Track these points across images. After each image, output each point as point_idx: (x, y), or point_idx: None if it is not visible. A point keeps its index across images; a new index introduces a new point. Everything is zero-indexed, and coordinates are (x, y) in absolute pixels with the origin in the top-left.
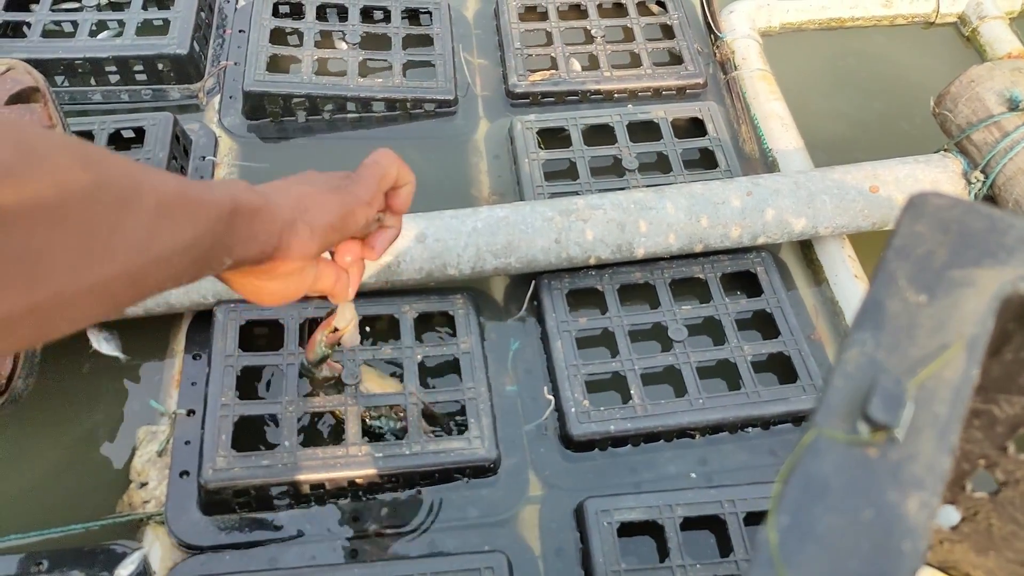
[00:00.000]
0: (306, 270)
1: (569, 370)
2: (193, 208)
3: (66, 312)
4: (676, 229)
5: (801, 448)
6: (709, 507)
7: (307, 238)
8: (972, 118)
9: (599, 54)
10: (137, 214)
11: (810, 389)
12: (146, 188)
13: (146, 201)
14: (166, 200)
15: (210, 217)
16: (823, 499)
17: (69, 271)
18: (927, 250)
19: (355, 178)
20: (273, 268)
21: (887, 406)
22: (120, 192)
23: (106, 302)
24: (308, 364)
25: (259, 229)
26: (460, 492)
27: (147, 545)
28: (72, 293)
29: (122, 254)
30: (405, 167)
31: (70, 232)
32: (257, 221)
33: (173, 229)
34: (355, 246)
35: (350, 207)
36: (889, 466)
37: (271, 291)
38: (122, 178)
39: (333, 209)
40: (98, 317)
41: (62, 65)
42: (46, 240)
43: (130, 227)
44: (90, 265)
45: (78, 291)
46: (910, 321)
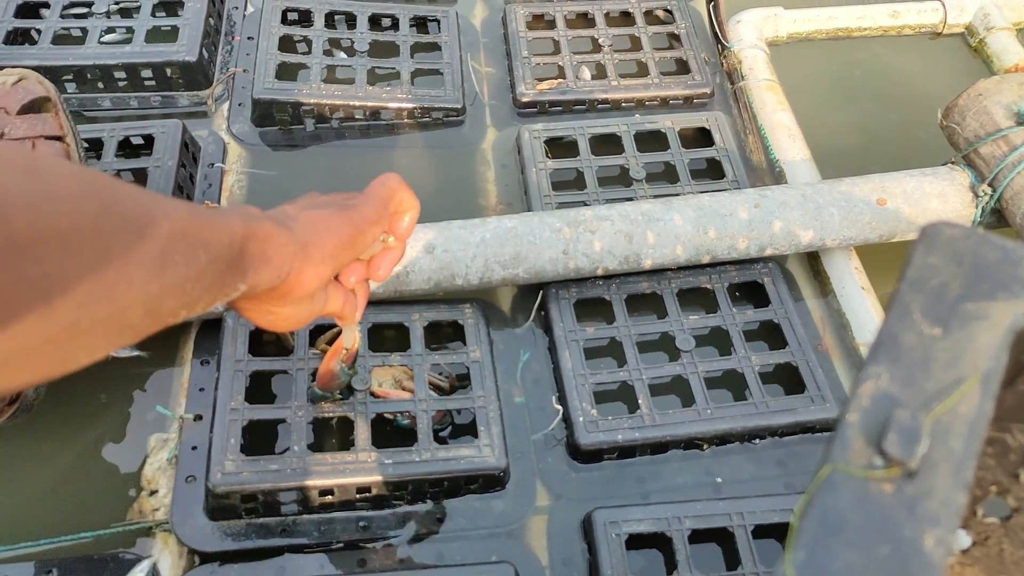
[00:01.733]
0: (318, 294)
1: (577, 380)
2: (206, 234)
3: (83, 342)
4: (683, 241)
5: (817, 483)
6: (717, 519)
7: (320, 260)
8: (980, 131)
9: (607, 63)
10: (150, 241)
11: (818, 400)
12: (158, 215)
13: (159, 227)
14: (179, 226)
15: (223, 242)
16: (840, 535)
17: (84, 300)
18: (941, 282)
19: (363, 198)
20: (288, 292)
21: (903, 441)
22: (132, 219)
23: (123, 331)
24: (324, 391)
25: (272, 253)
26: (468, 502)
27: (156, 553)
28: (89, 323)
29: (137, 282)
30: (410, 193)
31: (84, 260)
32: (270, 245)
33: (187, 255)
34: (360, 267)
35: (359, 226)
36: (905, 501)
37: (285, 316)
38: (134, 205)
39: (343, 230)
40: (116, 347)
41: (72, 72)
42: (60, 269)
43: (144, 254)
44: (105, 294)
45: (95, 321)
46: (925, 354)
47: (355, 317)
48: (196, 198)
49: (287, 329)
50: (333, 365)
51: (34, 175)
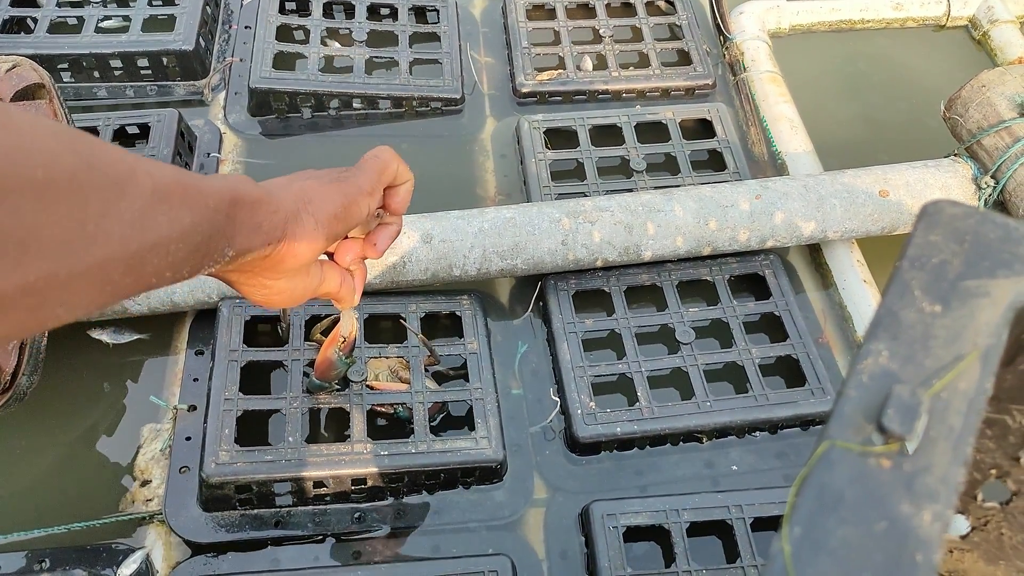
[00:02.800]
0: (313, 269)
1: (575, 372)
2: (191, 194)
3: (62, 296)
4: (684, 232)
5: (815, 458)
6: (716, 512)
7: (312, 228)
8: (983, 123)
9: (607, 54)
10: (131, 197)
11: (818, 393)
12: (140, 173)
13: (141, 185)
14: (162, 185)
15: (208, 205)
16: (836, 510)
17: (61, 251)
18: (942, 260)
19: (355, 170)
20: (280, 262)
21: (902, 417)
22: (113, 175)
23: (104, 288)
24: (323, 381)
25: (262, 219)
26: (465, 494)
27: (149, 544)
28: (66, 275)
29: (117, 237)
30: (404, 165)
31: (60, 212)
32: (260, 211)
33: (170, 214)
34: (355, 245)
35: (352, 196)
36: (902, 478)
37: (279, 290)
38: (114, 163)
39: (336, 199)
40: (96, 305)
41: (67, 61)
42: (35, 218)
43: (124, 209)
44: (83, 246)
45: (72, 273)
46: (925, 331)
47: (353, 299)
48: None
49: (282, 305)
50: (331, 354)
51: (6, 128)
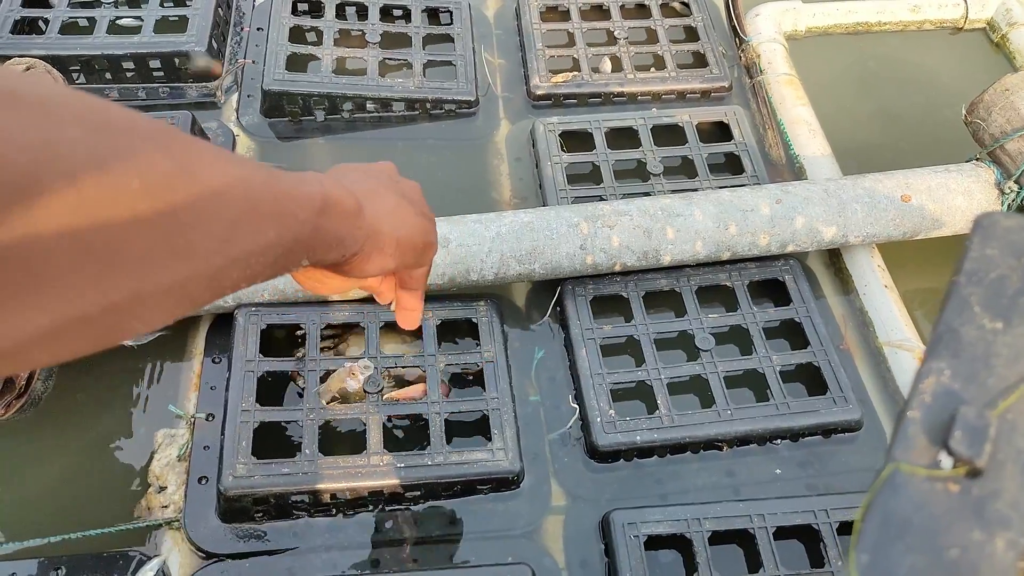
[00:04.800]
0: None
1: (594, 379)
2: (282, 203)
3: (141, 312)
4: (704, 236)
5: (880, 482)
6: (738, 521)
7: (390, 254)
8: (1006, 127)
9: (622, 56)
10: (223, 209)
11: (840, 401)
12: (234, 179)
13: (234, 194)
14: (254, 194)
15: (297, 217)
16: (904, 537)
17: (148, 269)
18: (1000, 274)
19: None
20: (347, 271)
21: (970, 439)
22: (207, 183)
23: (182, 302)
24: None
25: (345, 234)
26: (482, 503)
27: (165, 551)
28: (150, 293)
29: (203, 252)
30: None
31: (151, 227)
32: (345, 224)
33: (258, 227)
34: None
35: (432, 239)
36: (971, 503)
37: (331, 287)
38: (210, 166)
39: (420, 235)
40: (172, 317)
41: (80, 62)
42: (126, 236)
43: (215, 222)
44: (169, 263)
45: (157, 291)
46: (986, 349)
47: (390, 295)
48: None
49: (325, 293)
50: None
51: (104, 129)
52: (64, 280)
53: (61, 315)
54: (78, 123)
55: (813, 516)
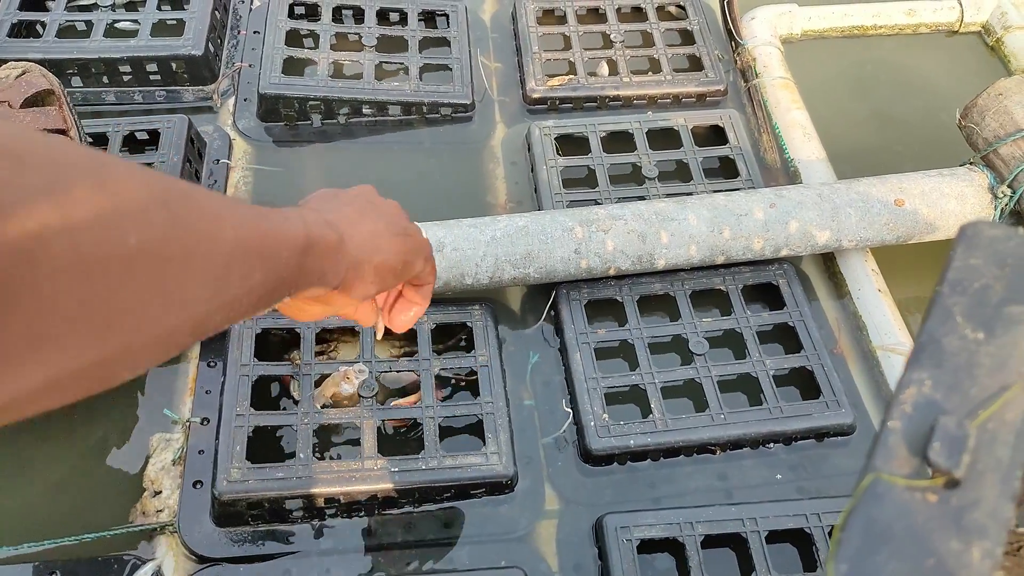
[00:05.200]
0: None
1: (588, 383)
2: (268, 246)
3: (130, 362)
4: (698, 241)
5: (860, 491)
6: (730, 525)
7: (370, 280)
8: (1000, 131)
9: (618, 59)
10: (214, 256)
11: (833, 405)
12: (226, 226)
13: (224, 241)
14: (243, 238)
15: (282, 257)
16: (884, 546)
17: (140, 322)
18: (983, 284)
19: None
20: (329, 301)
21: (949, 449)
22: (200, 231)
23: (170, 349)
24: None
25: (327, 267)
26: (476, 507)
27: (160, 556)
28: (141, 344)
29: (192, 300)
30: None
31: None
32: (328, 259)
33: (245, 272)
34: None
35: (413, 256)
36: (951, 512)
37: (312, 314)
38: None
39: (399, 255)
40: (158, 362)
41: (76, 65)
42: (121, 290)
43: (206, 271)
44: (161, 315)
45: (147, 342)
46: (969, 359)
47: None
48: None
49: (306, 320)
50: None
51: (105, 187)
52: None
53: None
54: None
55: (805, 520)
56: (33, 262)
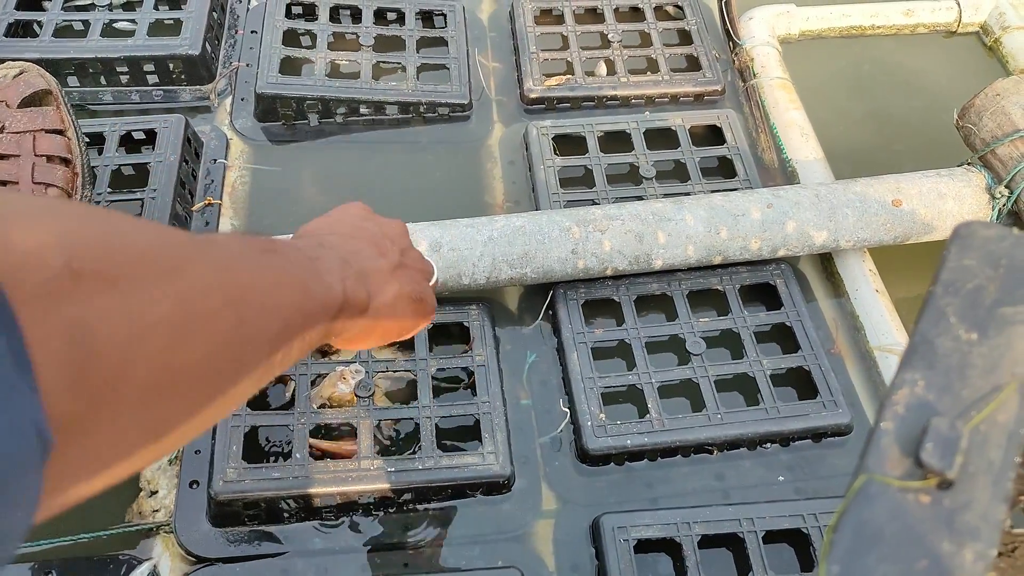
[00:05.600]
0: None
1: (585, 382)
2: (308, 323)
3: (174, 448)
4: (695, 241)
5: (852, 493)
6: (727, 525)
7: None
8: (997, 132)
9: (616, 59)
10: (261, 351)
11: (830, 405)
12: (273, 322)
13: (271, 333)
14: (287, 326)
15: (319, 327)
16: (876, 548)
17: (192, 429)
18: (977, 285)
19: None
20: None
21: (942, 451)
22: (253, 335)
23: (204, 429)
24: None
25: (347, 327)
26: (473, 506)
27: (156, 556)
28: (186, 439)
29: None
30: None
31: (205, 392)
32: (350, 321)
33: (287, 349)
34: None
35: (420, 322)
36: (943, 514)
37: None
38: (255, 319)
39: (409, 322)
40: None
41: (73, 65)
42: (187, 406)
43: (253, 365)
44: (215, 410)
45: (191, 434)
46: (962, 360)
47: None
48: (198, 195)
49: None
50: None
51: (186, 302)
52: (131, 457)
53: (116, 476)
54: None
55: (802, 520)
56: (117, 391)
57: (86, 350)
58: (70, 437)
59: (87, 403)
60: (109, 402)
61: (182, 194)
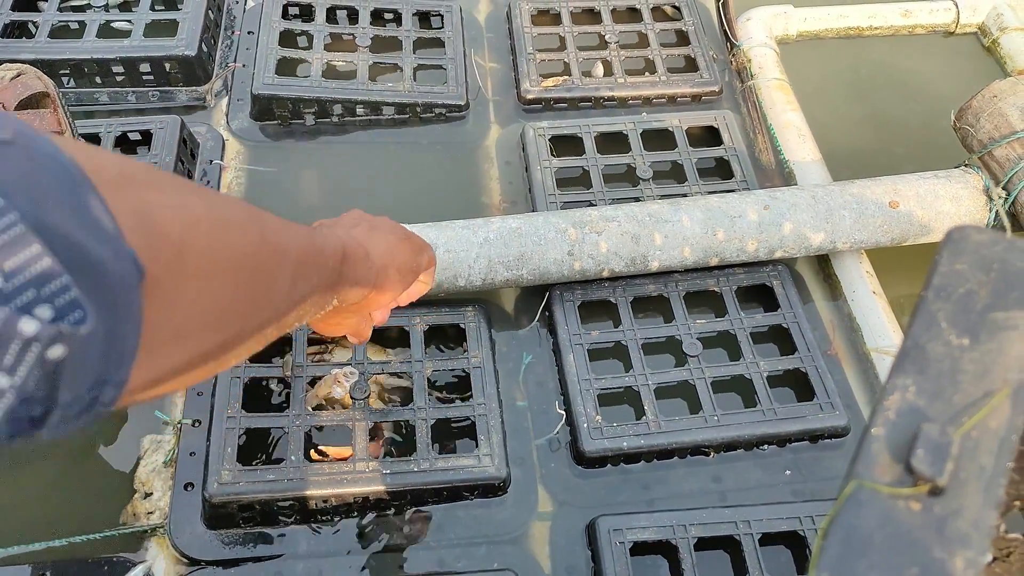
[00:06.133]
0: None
1: (581, 384)
2: (319, 257)
3: (236, 350)
4: (692, 242)
5: (842, 499)
6: (723, 527)
7: (397, 280)
8: (994, 133)
9: (613, 60)
10: (286, 268)
11: (827, 407)
12: (290, 243)
13: (291, 255)
14: (302, 252)
15: (328, 265)
16: (866, 555)
17: (245, 316)
18: (968, 290)
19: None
20: (366, 306)
21: (932, 458)
22: (276, 247)
23: (261, 341)
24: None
25: (362, 274)
26: (469, 509)
27: (151, 558)
28: (248, 334)
29: (277, 300)
30: (432, 253)
31: (248, 285)
32: (360, 266)
33: (307, 277)
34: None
35: (419, 252)
36: (934, 520)
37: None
38: (277, 232)
39: (411, 255)
40: (250, 354)
41: (69, 66)
42: (233, 289)
43: (282, 279)
44: (258, 311)
45: (251, 332)
46: (953, 366)
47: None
48: None
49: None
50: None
51: (214, 203)
52: (196, 331)
53: (187, 357)
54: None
55: (799, 522)
56: (182, 261)
57: (151, 226)
58: (151, 297)
59: (162, 266)
60: (176, 271)
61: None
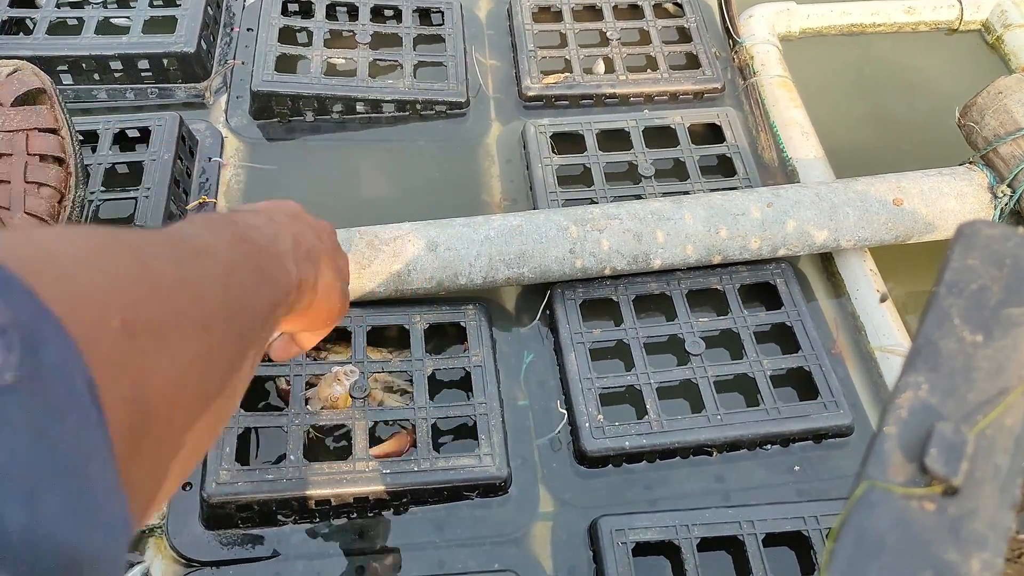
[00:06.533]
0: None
1: (583, 383)
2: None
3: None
4: (694, 240)
5: (853, 500)
6: (727, 527)
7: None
8: (999, 130)
9: (614, 57)
10: (254, 353)
11: (831, 406)
12: (260, 316)
13: (259, 336)
14: (265, 320)
15: (279, 314)
16: (878, 558)
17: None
18: (981, 285)
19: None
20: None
21: (946, 456)
22: (248, 341)
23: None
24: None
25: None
26: (469, 509)
27: (148, 558)
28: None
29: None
30: None
31: (224, 407)
32: (302, 300)
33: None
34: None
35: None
36: (948, 522)
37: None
38: (250, 320)
39: (342, 308)
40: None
41: (67, 62)
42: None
43: (250, 361)
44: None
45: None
46: (966, 363)
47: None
48: (193, 193)
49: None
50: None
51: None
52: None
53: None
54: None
55: (803, 522)
56: (161, 437)
57: (142, 412)
58: None
59: (130, 456)
60: (149, 453)
61: (176, 193)
